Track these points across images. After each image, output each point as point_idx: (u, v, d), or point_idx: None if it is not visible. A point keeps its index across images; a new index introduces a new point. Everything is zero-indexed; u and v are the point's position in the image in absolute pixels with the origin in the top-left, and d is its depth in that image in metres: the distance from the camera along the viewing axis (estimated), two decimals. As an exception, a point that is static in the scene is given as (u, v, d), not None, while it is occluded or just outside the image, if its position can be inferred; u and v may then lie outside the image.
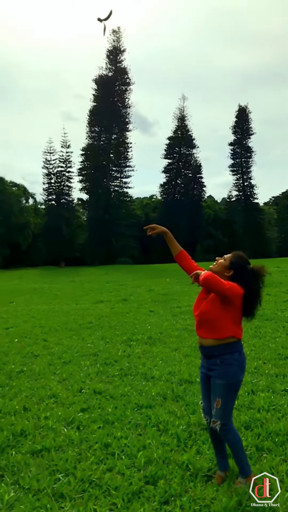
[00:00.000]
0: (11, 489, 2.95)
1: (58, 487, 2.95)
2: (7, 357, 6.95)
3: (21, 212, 59.80)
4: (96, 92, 61.06)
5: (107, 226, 57.49)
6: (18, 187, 64.37)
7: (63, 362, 6.59)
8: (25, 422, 4.11)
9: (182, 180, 65.12)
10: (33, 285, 25.50)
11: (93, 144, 61.17)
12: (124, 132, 61.74)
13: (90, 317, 11.26)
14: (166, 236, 3.18)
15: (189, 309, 11.37)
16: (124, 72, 61.17)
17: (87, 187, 61.24)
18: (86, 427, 4.00)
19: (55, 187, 59.56)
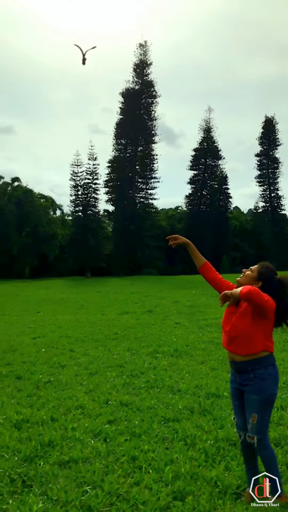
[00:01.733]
0: (40, 500, 2.95)
1: (86, 499, 2.94)
2: (34, 367, 7.02)
3: (49, 223, 60.85)
4: (123, 105, 61.90)
5: (132, 237, 57.78)
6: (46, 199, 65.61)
7: (89, 373, 6.61)
8: (53, 433, 4.13)
9: (207, 191, 64.97)
10: (59, 295, 25.78)
11: (119, 156, 61.87)
12: (150, 144, 62.23)
13: (115, 328, 11.28)
14: (188, 248, 3.16)
15: (216, 322, 11.26)
16: (150, 85, 61.84)
17: (113, 199, 61.85)
18: (113, 439, 3.99)
19: (82, 198, 60.36)
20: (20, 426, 4.37)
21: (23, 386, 5.90)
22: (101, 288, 32.36)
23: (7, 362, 7.46)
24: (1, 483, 3.23)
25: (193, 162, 64.94)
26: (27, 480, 3.26)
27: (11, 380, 6.25)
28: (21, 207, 58.59)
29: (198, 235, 55.40)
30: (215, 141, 65.29)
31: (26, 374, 6.51)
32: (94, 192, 60.90)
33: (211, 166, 65.28)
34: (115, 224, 63.24)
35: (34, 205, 59.79)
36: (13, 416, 4.60)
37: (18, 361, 7.48)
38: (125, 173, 60.79)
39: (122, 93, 62.11)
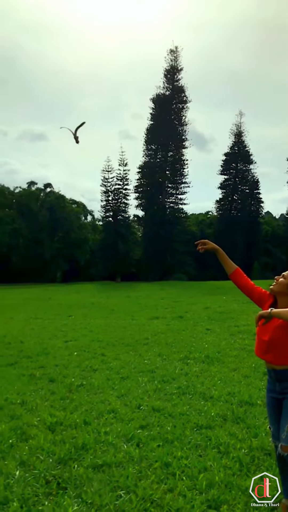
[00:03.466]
0: (74, 503, 2.99)
1: (120, 504, 2.96)
2: (67, 370, 7.11)
3: (80, 229, 61.74)
4: (153, 111, 62.18)
5: (162, 242, 57.76)
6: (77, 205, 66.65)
7: (121, 377, 6.63)
8: (86, 436, 4.17)
9: (238, 196, 64.31)
10: (90, 299, 26.03)
11: (149, 162, 62.10)
12: (180, 149, 62.19)
13: (146, 333, 11.29)
14: (218, 254, 3.10)
15: (247, 329, 11.10)
16: (181, 91, 61.91)
17: (143, 204, 62.09)
18: (146, 445, 3.99)
19: (112, 204, 60.86)
20: (54, 429, 4.43)
21: (56, 389, 5.98)
22: (131, 293, 32.46)
23: (40, 365, 7.59)
24: (37, 484, 3.28)
25: (224, 167, 64.47)
26: (62, 482, 3.30)
27: (45, 382, 6.35)
28: (53, 212, 59.70)
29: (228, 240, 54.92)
30: (246, 146, 64.62)
31: (59, 377, 6.60)
32: (124, 197, 61.31)
33: (242, 170, 64.61)
34: (144, 229, 63.43)
35: (66, 210, 60.83)
36: (47, 419, 4.67)
37: (51, 364, 7.60)
38: (155, 178, 60.92)
39: (152, 98, 62.44)
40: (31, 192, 62.48)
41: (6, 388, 6.03)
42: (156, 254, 57.53)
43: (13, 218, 58.19)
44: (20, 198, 60.99)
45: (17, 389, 5.97)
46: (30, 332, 11.80)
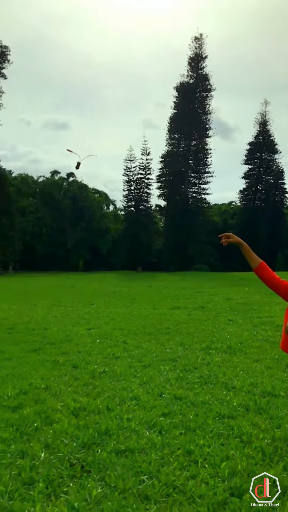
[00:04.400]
0: (98, 485, 3.04)
1: (143, 488, 2.99)
2: (90, 357, 7.20)
3: (102, 218, 62.03)
4: (177, 100, 61.63)
5: (184, 233, 57.58)
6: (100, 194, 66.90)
7: (143, 365, 6.67)
8: (109, 422, 4.22)
9: (262, 186, 63.38)
10: (112, 288, 26.22)
11: (172, 151, 61.73)
12: (203, 138, 61.59)
13: (167, 322, 11.31)
14: (242, 248, 3.05)
15: (270, 320, 11.00)
16: (205, 79, 61.09)
17: (165, 194, 61.90)
18: (168, 432, 4.02)
19: (134, 193, 60.91)
20: (77, 414, 4.50)
21: (79, 375, 6.06)
22: (152, 282, 32.53)
23: (64, 351, 7.71)
24: (61, 466, 3.35)
25: (248, 157, 63.57)
26: (86, 466, 3.36)
27: (68, 368, 6.45)
28: (76, 202, 60.13)
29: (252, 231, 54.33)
30: (272, 135, 63.50)
31: (82, 364, 6.69)
32: (146, 187, 61.28)
33: (267, 160, 63.57)
34: (166, 219, 63.32)
35: (88, 200, 61.18)
36: (71, 404, 4.75)
37: (74, 351, 7.70)
38: (178, 167, 60.56)
39: (176, 87, 61.88)
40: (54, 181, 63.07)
41: (31, 373, 6.14)
42: (177, 244, 57.40)
43: (37, 207, 58.92)
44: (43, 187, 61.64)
45: (41, 374, 6.08)
46: (53, 319, 11.98)
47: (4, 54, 55.27)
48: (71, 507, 2.78)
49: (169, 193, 61.22)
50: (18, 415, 4.41)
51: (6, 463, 3.40)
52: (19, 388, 5.37)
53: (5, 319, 11.97)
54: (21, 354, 7.50)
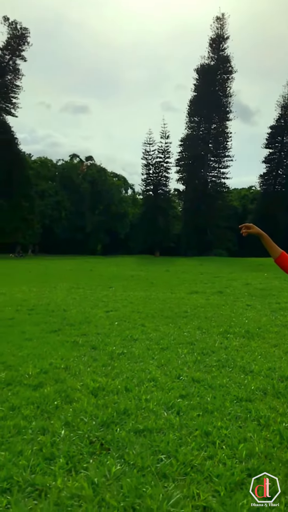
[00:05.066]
0: (117, 463, 3.11)
1: (161, 467, 3.04)
2: (108, 339, 7.28)
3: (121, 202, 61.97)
4: (197, 82, 60.57)
5: (202, 217, 57.15)
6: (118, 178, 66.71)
7: (160, 348, 6.72)
8: (128, 402, 4.29)
9: (283, 170, 62.11)
10: (130, 272, 26.31)
11: (192, 134, 60.94)
12: (224, 122, 60.55)
13: (185, 306, 11.33)
14: (262, 239, 2.99)
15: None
16: (226, 60, 59.77)
17: (184, 178, 61.35)
18: (186, 413, 4.06)
19: (153, 177, 60.54)
20: (96, 394, 4.58)
21: (98, 356, 6.15)
22: (169, 267, 32.53)
23: (83, 332, 7.81)
24: (81, 443, 3.42)
25: (269, 140, 62.25)
26: (105, 444, 3.43)
27: (87, 349, 6.54)
28: (94, 185, 60.16)
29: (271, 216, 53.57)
30: (294, 118, 61.91)
31: (100, 345, 6.78)
32: (165, 171, 60.80)
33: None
34: (185, 204, 62.89)
35: (107, 183, 61.10)
36: (90, 384, 4.84)
37: (93, 332, 7.80)
38: (198, 151, 59.84)
39: (197, 69, 60.78)
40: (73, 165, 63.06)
41: (51, 353, 6.26)
42: (196, 229, 57.08)
43: (56, 190, 59.16)
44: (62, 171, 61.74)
45: (61, 354, 6.18)
46: (72, 301, 12.12)
47: (23, 36, 55.01)
48: (91, 482, 2.85)
49: (188, 177, 60.65)
50: (38, 394, 4.51)
51: (28, 439, 3.49)
52: (40, 367, 5.48)
53: (25, 301, 12.18)
54: (41, 334, 7.64)
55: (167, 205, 60.41)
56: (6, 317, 9.42)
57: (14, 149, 53.06)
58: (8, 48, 54.46)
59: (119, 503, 2.63)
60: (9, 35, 54.58)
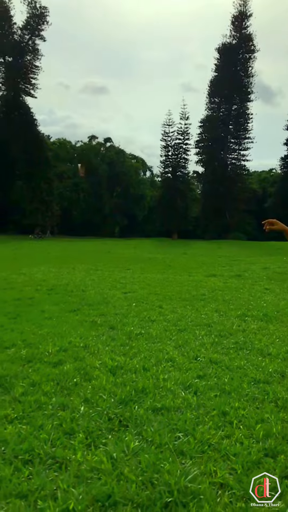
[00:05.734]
0: (136, 439, 3.16)
1: (179, 444, 3.09)
2: (126, 319, 7.35)
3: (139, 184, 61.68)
4: (218, 61, 59.19)
5: (221, 200, 56.53)
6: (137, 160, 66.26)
7: (178, 329, 6.76)
8: (146, 381, 4.34)
9: (305, 153, 60.66)
10: (147, 254, 26.36)
11: (212, 116, 59.85)
12: (245, 103, 59.18)
13: (203, 289, 11.32)
14: (286, 234, 2.93)
15: (309, 290, 10.79)
16: (249, 39, 58.10)
17: (203, 160, 60.52)
18: (203, 393, 4.09)
19: (172, 159, 59.89)
20: (115, 372, 4.65)
21: (116, 335, 6.22)
22: (187, 250, 32.44)
23: (101, 313, 7.89)
24: (100, 420, 3.49)
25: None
26: (123, 420, 3.49)
27: (105, 329, 6.62)
28: (113, 167, 59.91)
29: (292, 200, 52.61)
30: None
31: (118, 325, 6.85)
32: (184, 152, 60.03)
33: (312, 126, 60.56)
34: (204, 186, 62.22)
35: (125, 165, 60.78)
36: (109, 362, 4.90)
37: (111, 313, 7.88)
38: (218, 133, 58.83)
39: (218, 48, 59.30)
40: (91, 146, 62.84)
41: (70, 332, 6.35)
42: (214, 212, 56.54)
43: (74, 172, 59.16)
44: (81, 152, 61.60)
45: (80, 333, 6.27)
46: (90, 282, 12.23)
47: (43, 15, 54.31)
48: (110, 456, 2.92)
49: (207, 159, 59.80)
50: (58, 371, 4.60)
51: (48, 414, 3.58)
52: (59, 345, 5.58)
53: (44, 281, 12.34)
54: (60, 314, 7.75)
55: (185, 188, 59.85)
56: (26, 297, 9.58)
57: (33, 131, 53.06)
58: (28, 27, 53.90)
59: (138, 477, 2.68)
60: (28, 14, 53.98)
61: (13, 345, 5.62)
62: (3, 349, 5.43)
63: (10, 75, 52.83)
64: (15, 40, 53.39)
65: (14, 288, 10.87)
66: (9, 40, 52.74)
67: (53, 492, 2.55)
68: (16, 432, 3.24)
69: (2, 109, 53.07)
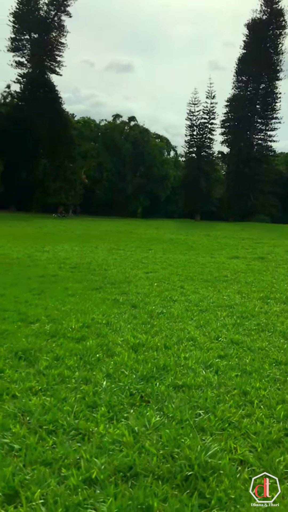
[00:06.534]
0: (157, 414, 3.22)
1: (199, 421, 3.13)
2: (148, 298, 7.39)
3: (162, 164, 61.06)
4: (247, 38, 57.41)
5: (246, 181, 55.56)
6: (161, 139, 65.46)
7: (199, 309, 6.76)
8: (167, 359, 4.38)
9: None
10: (169, 235, 26.29)
11: (239, 95, 58.40)
12: (273, 81, 57.43)
13: (225, 271, 11.27)
14: None
15: None
16: (280, 14, 55.99)
17: (228, 140, 59.37)
18: (224, 373, 4.11)
19: (196, 139, 58.98)
20: (136, 349, 4.71)
21: (138, 314, 6.27)
22: (210, 231, 32.18)
23: (123, 291, 7.96)
24: (122, 395, 3.56)
25: None
26: (145, 396, 3.55)
27: (127, 307, 6.68)
28: (136, 146, 59.40)
29: None
30: None
31: (140, 304, 6.90)
32: (209, 132, 59.03)
33: None
34: (229, 167, 61.19)
35: (149, 145, 60.17)
36: (130, 340, 4.96)
37: (133, 292, 7.93)
38: (244, 112, 57.46)
39: (247, 24, 57.44)
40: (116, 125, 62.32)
41: (92, 309, 6.44)
42: (239, 194, 55.69)
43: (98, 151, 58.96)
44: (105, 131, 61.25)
45: (102, 311, 6.35)
46: (113, 262, 12.31)
47: (69, -10, 53.50)
48: (132, 430, 2.98)
49: (233, 139, 58.61)
50: (81, 346, 4.68)
51: (71, 387, 3.66)
52: (82, 322, 5.66)
53: (68, 259, 12.48)
54: (83, 291, 7.85)
55: (210, 168, 59.01)
56: (50, 274, 9.72)
57: (58, 109, 52.91)
58: (54, 3, 53.22)
59: (158, 451, 2.74)
60: (54, -11, 53.25)
61: (37, 320, 5.74)
62: (27, 324, 5.55)
63: (36, 52, 52.53)
64: (41, 16, 52.89)
65: (38, 266, 11.04)
66: (35, 16, 52.28)
67: (76, 461, 2.63)
68: (40, 404, 3.33)
69: (27, 86, 53.03)
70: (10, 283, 8.40)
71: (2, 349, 4.53)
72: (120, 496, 2.31)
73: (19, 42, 53.52)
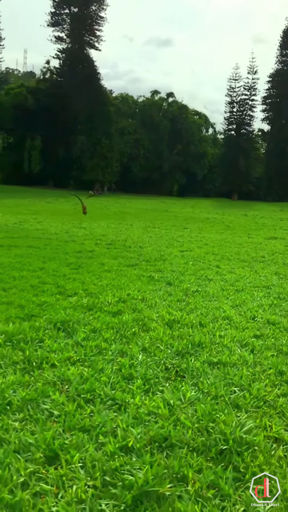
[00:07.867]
0: (192, 389, 3.25)
1: (234, 398, 3.14)
2: (183, 277, 7.39)
3: (200, 142, 60.02)
4: (294, 8, 54.56)
5: (286, 160, 53.83)
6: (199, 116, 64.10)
7: (235, 289, 6.71)
8: (202, 336, 4.40)
9: None
10: (205, 214, 26.01)
11: (282, 70, 56.17)
12: None
13: (262, 251, 11.08)
14: None
15: None
16: None
17: (269, 117, 57.50)
18: (260, 352, 4.08)
19: (236, 116, 57.44)
20: (171, 326, 4.74)
21: (173, 291, 6.29)
22: (248, 211, 31.59)
23: (158, 269, 7.99)
24: (157, 368, 3.61)
25: None
26: (180, 371, 3.59)
27: (162, 285, 6.71)
28: (174, 123, 58.54)
29: None
30: None
31: (175, 282, 6.91)
32: (250, 109, 57.33)
33: None
34: (269, 145, 59.39)
35: (187, 122, 59.15)
36: (166, 316, 5.00)
37: (168, 270, 7.95)
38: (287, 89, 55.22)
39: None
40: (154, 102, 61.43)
41: (128, 285, 6.51)
42: (279, 173, 54.12)
43: (135, 128, 58.47)
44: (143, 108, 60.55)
45: (138, 287, 6.41)
46: (148, 239, 12.34)
47: None
48: (167, 403, 3.03)
49: (274, 117, 56.68)
50: (117, 320, 4.76)
51: (108, 359, 3.75)
52: (118, 296, 5.75)
53: (104, 236, 12.61)
54: (119, 268, 7.93)
55: (249, 146, 57.45)
56: (86, 250, 9.87)
57: (96, 85, 52.66)
58: (94, -25, 52.45)
59: (193, 425, 2.78)
60: None
61: (75, 293, 5.87)
62: (66, 297, 5.69)
63: (75, 26, 52.12)
64: (81, -12, 52.22)
65: (75, 241, 11.22)
66: (75, -11, 51.69)
67: (113, 430, 2.71)
68: (78, 373, 3.43)
69: (66, 62, 52.93)
70: (49, 257, 8.60)
71: (42, 320, 4.67)
72: (156, 464, 2.37)
73: (59, 17, 53.27)
